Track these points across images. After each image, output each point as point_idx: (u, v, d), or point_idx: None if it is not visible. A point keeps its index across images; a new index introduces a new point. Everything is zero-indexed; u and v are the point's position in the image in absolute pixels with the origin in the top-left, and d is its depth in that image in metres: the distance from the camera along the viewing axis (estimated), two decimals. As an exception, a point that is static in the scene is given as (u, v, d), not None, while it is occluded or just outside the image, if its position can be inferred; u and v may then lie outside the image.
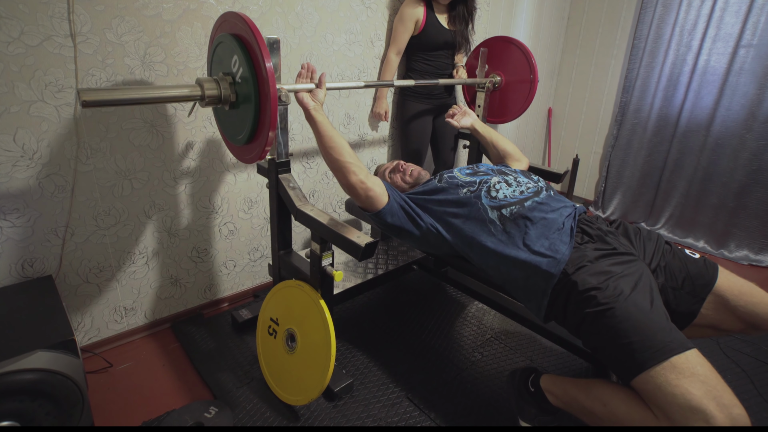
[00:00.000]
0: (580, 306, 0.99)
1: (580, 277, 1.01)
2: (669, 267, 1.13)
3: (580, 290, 0.99)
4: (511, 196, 1.20)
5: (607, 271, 1.00)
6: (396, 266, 1.74)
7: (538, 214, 1.14)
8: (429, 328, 1.73)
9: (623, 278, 0.99)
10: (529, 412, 1.18)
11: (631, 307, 0.93)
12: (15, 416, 0.98)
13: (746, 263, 2.43)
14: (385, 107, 2.04)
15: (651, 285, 1.01)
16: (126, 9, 1.30)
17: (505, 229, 1.15)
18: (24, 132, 1.23)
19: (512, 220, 1.15)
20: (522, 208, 1.16)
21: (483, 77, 2.16)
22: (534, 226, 1.13)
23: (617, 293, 0.95)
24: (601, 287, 0.97)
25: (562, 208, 1.18)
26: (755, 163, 2.34)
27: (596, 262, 1.03)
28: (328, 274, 1.27)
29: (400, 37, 1.90)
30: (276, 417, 1.30)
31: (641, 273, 1.03)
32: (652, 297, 0.97)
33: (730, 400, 0.80)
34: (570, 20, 3.02)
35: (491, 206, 1.19)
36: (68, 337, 1.06)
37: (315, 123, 1.25)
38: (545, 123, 3.28)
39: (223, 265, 1.80)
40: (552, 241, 1.10)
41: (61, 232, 1.36)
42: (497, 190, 1.22)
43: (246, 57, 1.02)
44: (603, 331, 0.95)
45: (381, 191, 1.25)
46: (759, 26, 2.23)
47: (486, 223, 1.17)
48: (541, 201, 1.19)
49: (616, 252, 1.07)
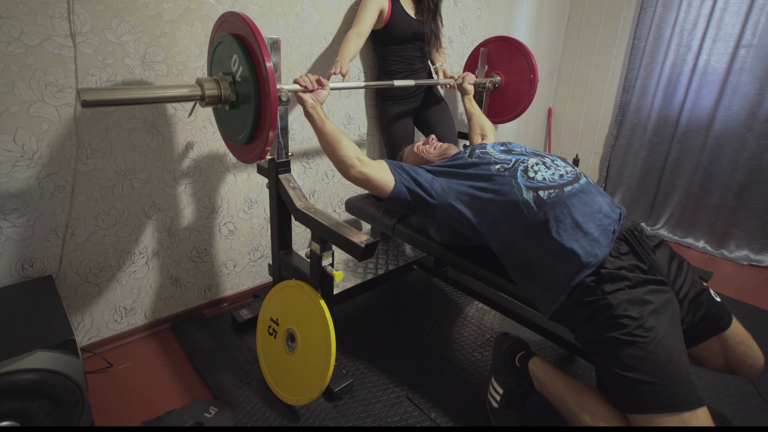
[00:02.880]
0: (607, 327, 0.96)
1: (617, 299, 0.96)
2: (695, 304, 1.11)
3: (614, 314, 0.96)
4: (550, 179, 1.13)
5: (644, 300, 0.97)
6: (396, 266, 1.74)
7: (578, 203, 1.08)
8: (429, 328, 1.73)
9: (658, 315, 0.96)
10: (505, 379, 1.20)
11: (662, 351, 0.92)
12: (15, 416, 0.98)
13: (746, 263, 2.43)
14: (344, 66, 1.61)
15: (678, 320, 1.01)
16: (126, 9, 1.30)
17: (539, 212, 1.07)
18: (24, 132, 1.23)
19: (549, 204, 1.07)
20: (561, 193, 1.09)
21: (483, 77, 2.16)
22: (572, 215, 1.05)
23: (651, 332, 0.93)
24: (638, 318, 0.94)
25: (603, 202, 1.12)
26: (755, 163, 2.34)
27: (636, 288, 0.99)
28: (328, 274, 1.27)
29: (363, 20, 1.70)
30: (276, 417, 1.30)
31: (674, 311, 1.01)
32: (679, 339, 0.97)
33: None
34: (570, 20, 3.02)
35: (527, 186, 1.11)
36: (68, 337, 1.06)
37: (314, 120, 1.27)
38: (545, 123, 3.28)
39: (223, 265, 1.80)
40: (589, 236, 1.04)
41: (61, 232, 1.36)
42: (535, 171, 1.15)
43: (246, 57, 1.02)
44: (622, 360, 0.93)
45: (385, 177, 1.22)
46: (759, 26, 2.23)
47: (519, 203, 1.10)
48: (581, 189, 1.11)
49: (654, 280, 1.02)
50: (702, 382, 1.50)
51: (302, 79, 1.28)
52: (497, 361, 1.26)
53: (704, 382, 1.50)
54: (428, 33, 1.89)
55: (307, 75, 1.29)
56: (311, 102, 1.27)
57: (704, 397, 0.90)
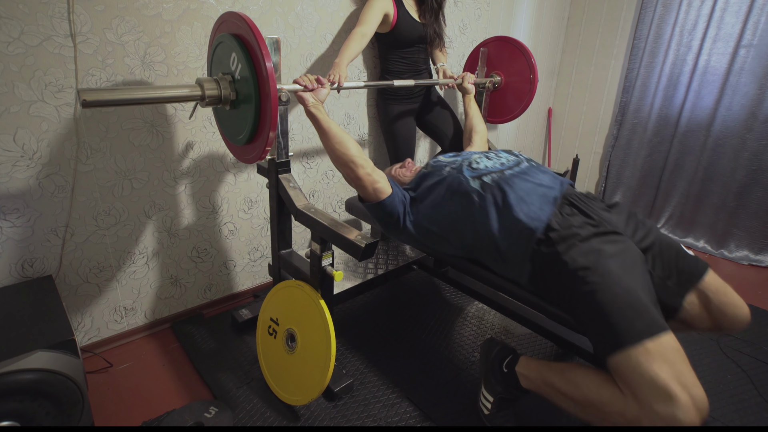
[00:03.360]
0: (569, 284, 1.02)
1: (570, 255, 1.02)
2: (661, 256, 1.14)
3: (570, 269, 1.01)
4: (491, 167, 1.24)
5: (597, 250, 1.02)
6: (396, 266, 1.74)
7: (519, 181, 1.17)
8: (429, 328, 1.73)
9: (613, 258, 1.00)
10: (494, 387, 1.20)
11: (618, 288, 0.95)
12: (15, 416, 0.98)
13: (746, 263, 2.43)
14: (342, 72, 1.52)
15: (639, 264, 1.03)
16: (126, 9, 1.30)
17: (487, 195, 1.17)
18: (24, 132, 1.23)
19: (493, 186, 1.17)
20: (502, 176, 1.19)
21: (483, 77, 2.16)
22: (514, 190, 1.14)
23: (605, 272, 0.97)
24: (591, 267, 0.99)
25: (545, 177, 1.20)
26: (756, 163, 2.34)
27: (587, 241, 1.04)
28: (328, 274, 1.27)
29: (368, 19, 1.67)
30: (276, 417, 1.30)
31: (630, 252, 1.04)
32: (638, 276, 1.00)
33: (693, 381, 0.86)
34: (570, 20, 3.02)
35: (472, 176, 1.21)
36: (68, 337, 1.06)
37: (316, 119, 1.25)
38: (545, 123, 3.28)
39: (223, 265, 1.80)
40: (531, 206, 1.12)
41: (61, 232, 1.36)
42: (478, 162, 1.27)
43: (246, 57, 1.02)
44: (589, 310, 0.98)
45: (386, 183, 1.27)
46: (759, 26, 2.23)
47: (469, 193, 1.19)
48: (522, 171, 1.21)
49: (607, 231, 1.07)
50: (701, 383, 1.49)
51: (302, 78, 1.28)
52: (485, 369, 1.25)
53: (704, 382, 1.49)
54: (431, 34, 1.89)
55: (307, 75, 1.29)
56: (313, 101, 1.26)
57: (666, 327, 0.91)
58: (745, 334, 1.76)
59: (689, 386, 0.84)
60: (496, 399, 1.19)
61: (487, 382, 1.24)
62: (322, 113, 1.26)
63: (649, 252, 1.13)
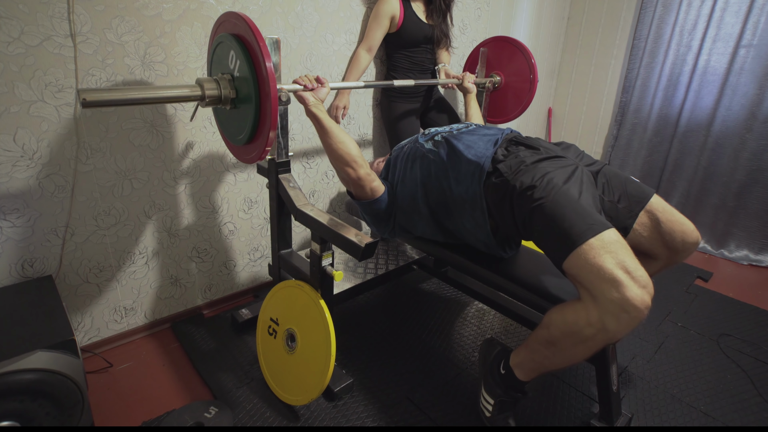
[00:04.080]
0: (521, 206, 1.08)
1: (518, 180, 1.09)
2: (609, 182, 1.23)
3: (518, 191, 1.08)
4: (442, 129, 1.37)
5: (540, 169, 1.09)
6: (396, 266, 1.74)
7: (466, 135, 1.28)
8: (429, 328, 1.73)
9: (556, 173, 1.08)
10: (494, 390, 1.21)
11: (561, 197, 1.02)
12: (15, 416, 0.98)
13: (746, 263, 2.43)
14: (345, 102, 1.88)
15: (583, 177, 1.10)
16: (126, 9, 1.30)
17: (439, 150, 1.27)
18: (24, 132, 1.23)
19: (444, 141, 1.28)
20: (451, 133, 1.31)
21: (483, 77, 2.16)
22: (461, 141, 1.25)
23: (550, 187, 1.04)
24: (536, 185, 1.06)
25: (490, 130, 1.31)
26: (755, 163, 2.34)
27: (531, 165, 1.11)
28: (328, 274, 1.27)
29: (373, 34, 1.79)
30: (276, 417, 1.30)
31: (575, 168, 1.12)
32: (581, 187, 1.06)
33: (634, 265, 0.92)
34: (570, 20, 3.02)
35: (426, 140, 1.34)
36: (68, 337, 1.06)
37: (317, 119, 1.25)
38: (545, 123, 3.28)
39: (223, 265, 1.80)
40: (478, 149, 1.21)
41: (61, 232, 1.36)
42: (430, 130, 1.41)
43: (246, 57, 1.02)
44: (539, 224, 1.04)
45: (379, 182, 1.33)
46: (759, 26, 2.23)
47: (425, 154, 1.30)
48: (470, 129, 1.32)
49: (551, 156, 1.15)
50: (701, 383, 1.50)
51: (302, 78, 1.28)
52: (485, 371, 1.25)
53: (703, 382, 1.50)
54: (438, 35, 1.91)
55: (307, 75, 1.29)
56: (313, 100, 1.26)
57: (608, 224, 0.97)
58: (745, 334, 1.77)
59: (631, 269, 0.90)
60: (497, 402, 1.19)
61: (486, 384, 1.24)
62: (322, 112, 1.26)
63: (598, 177, 1.23)
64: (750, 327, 1.83)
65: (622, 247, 0.94)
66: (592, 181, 1.16)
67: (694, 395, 1.44)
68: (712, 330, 1.79)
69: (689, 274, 2.25)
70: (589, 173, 1.17)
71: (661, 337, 1.73)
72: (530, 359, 1.11)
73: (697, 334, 1.76)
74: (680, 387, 1.48)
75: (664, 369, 1.56)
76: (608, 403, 1.24)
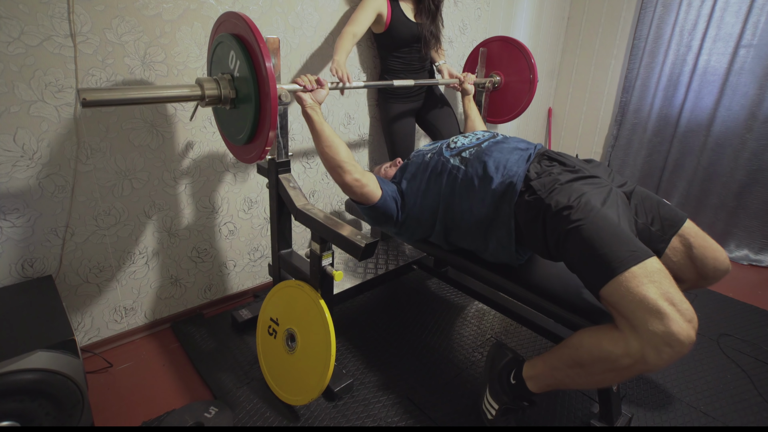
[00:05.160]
0: (556, 226, 1.04)
1: (553, 199, 1.06)
2: (642, 204, 1.19)
3: (554, 211, 1.05)
4: (468, 143, 1.32)
5: (577, 189, 1.07)
6: (396, 266, 1.74)
7: (496, 150, 1.24)
8: (429, 328, 1.73)
9: (593, 195, 1.05)
10: (501, 397, 1.18)
11: (600, 221, 0.98)
12: (15, 416, 0.98)
13: (746, 263, 2.43)
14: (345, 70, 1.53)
15: (619, 200, 1.08)
16: (126, 9, 1.30)
17: (468, 169, 1.24)
18: (24, 132, 1.23)
19: (473, 159, 1.24)
20: (479, 149, 1.27)
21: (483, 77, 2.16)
22: (492, 159, 1.21)
23: (588, 209, 1.01)
24: (573, 205, 1.02)
25: (520, 143, 1.28)
26: (755, 163, 2.34)
27: (567, 185, 1.09)
28: (328, 274, 1.27)
29: (360, 20, 1.66)
30: (276, 417, 1.30)
31: (611, 191, 1.10)
32: (618, 211, 1.04)
33: (679, 297, 0.89)
34: (570, 20, 3.02)
35: (452, 155, 1.30)
36: (68, 337, 1.06)
37: (312, 121, 1.27)
38: (545, 123, 3.28)
39: (223, 265, 1.80)
40: (509, 168, 1.18)
41: (61, 232, 1.36)
42: (455, 142, 1.35)
43: (246, 57, 1.02)
44: (576, 246, 1.00)
45: (375, 186, 1.30)
46: (759, 26, 2.23)
47: (452, 171, 1.26)
48: (497, 141, 1.29)
49: (586, 175, 1.13)
50: (701, 383, 1.50)
51: (301, 79, 1.28)
52: (492, 376, 1.23)
53: (703, 382, 1.50)
54: (427, 35, 1.87)
55: (307, 75, 1.29)
56: (310, 102, 1.27)
57: (650, 252, 0.94)
58: (745, 334, 1.77)
59: (677, 302, 0.88)
60: (501, 408, 1.17)
61: (492, 390, 1.21)
62: (318, 115, 1.27)
63: (631, 198, 1.19)
64: (750, 327, 1.83)
65: (665, 276, 0.91)
66: (627, 203, 1.14)
67: (694, 395, 1.44)
68: (712, 330, 1.79)
69: (689, 274, 2.25)
70: (623, 195, 1.14)
71: (661, 337, 1.73)
72: (549, 375, 1.07)
73: (697, 334, 1.75)
74: (680, 387, 1.48)
75: (664, 369, 1.56)
76: (608, 403, 1.24)
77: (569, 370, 1.01)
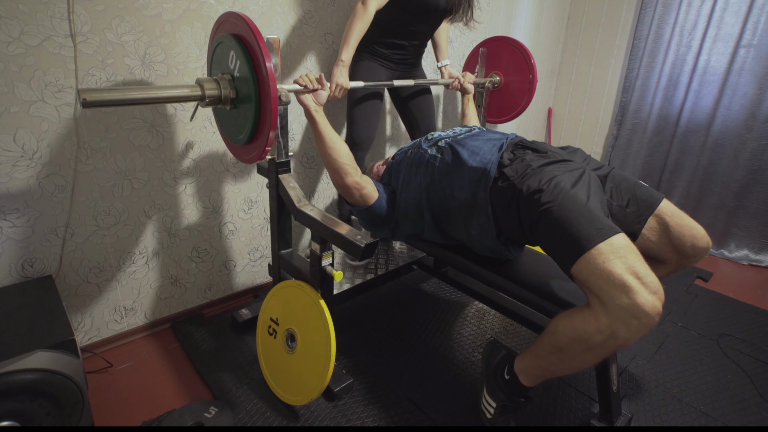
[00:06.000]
0: (528, 210, 1.06)
1: (525, 184, 1.08)
2: (618, 187, 1.21)
3: (525, 195, 1.07)
4: (444, 135, 1.36)
5: (549, 173, 1.08)
6: (396, 266, 1.74)
7: (470, 140, 1.27)
8: (429, 328, 1.73)
9: (564, 178, 1.06)
10: (497, 394, 1.19)
11: (569, 201, 1.00)
12: (15, 416, 0.98)
13: (746, 263, 2.43)
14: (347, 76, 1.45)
15: (590, 181, 1.09)
16: (126, 9, 1.30)
17: (444, 157, 1.26)
18: (24, 132, 1.23)
19: (447, 147, 1.28)
20: (455, 139, 1.30)
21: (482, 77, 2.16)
22: (465, 148, 1.24)
23: (558, 191, 1.02)
24: (543, 188, 1.04)
25: (494, 134, 1.30)
26: (755, 163, 2.34)
27: (538, 169, 1.10)
28: (328, 274, 1.27)
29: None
30: (276, 417, 1.30)
31: (582, 172, 1.11)
32: (589, 191, 1.05)
33: (644, 270, 0.90)
34: (570, 20, 3.02)
35: (429, 145, 1.33)
36: (68, 337, 1.06)
37: (315, 123, 1.27)
38: (545, 123, 3.28)
39: (223, 265, 1.80)
40: (483, 155, 1.20)
41: (61, 232, 1.36)
42: (433, 134, 1.39)
43: (246, 57, 1.02)
44: (547, 229, 1.02)
45: (372, 188, 1.32)
46: (759, 26, 2.23)
47: (429, 161, 1.29)
48: (474, 133, 1.32)
49: (558, 160, 1.14)
50: (701, 383, 1.50)
51: (302, 78, 1.27)
52: (487, 374, 1.24)
53: (703, 382, 1.50)
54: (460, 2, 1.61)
55: (307, 75, 1.29)
56: (314, 105, 1.28)
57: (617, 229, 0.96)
58: (745, 334, 1.77)
59: (642, 275, 0.89)
60: (499, 406, 1.18)
61: (489, 388, 1.22)
62: (321, 117, 1.28)
63: (606, 181, 1.21)
64: (750, 327, 1.83)
65: (631, 252, 0.92)
66: (599, 185, 1.15)
67: (694, 395, 1.44)
68: (712, 330, 1.79)
69: (689, 274, 2.25)
70: (596, 177, 1.16)
71: (661, 337, 1.73)
72: (536, 365, 1.09)
73: (697, 334, 1.76)
74: (680, 387, 1.48)
75: (664, 369, 1.56)
76: (608, 403, 1.24)
77: (551, 356, 1.03)
